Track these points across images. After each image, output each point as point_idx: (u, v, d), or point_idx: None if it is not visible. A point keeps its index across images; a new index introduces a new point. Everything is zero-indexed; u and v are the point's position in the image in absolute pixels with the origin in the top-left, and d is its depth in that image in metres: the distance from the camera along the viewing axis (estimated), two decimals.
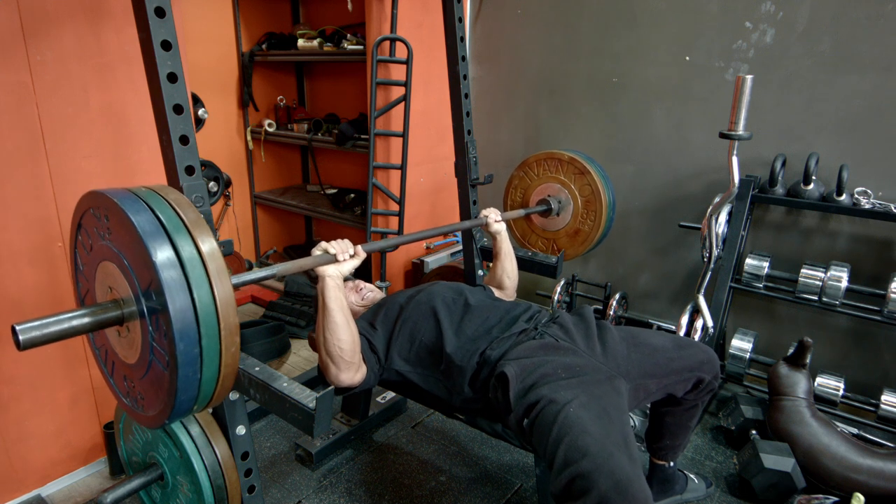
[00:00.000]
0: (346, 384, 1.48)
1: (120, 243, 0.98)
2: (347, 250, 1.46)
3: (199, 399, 0.99)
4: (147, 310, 0.96)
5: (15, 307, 1.75)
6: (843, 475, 1.89)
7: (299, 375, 2.63)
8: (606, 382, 1.42)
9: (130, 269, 0.96)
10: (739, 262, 2.44)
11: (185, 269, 0.92)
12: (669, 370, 1.60)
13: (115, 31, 1.80)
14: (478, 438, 2.28)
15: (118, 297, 1.02)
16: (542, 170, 2.42)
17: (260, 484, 1.51)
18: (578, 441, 1.22)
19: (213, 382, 0.99)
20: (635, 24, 2.67)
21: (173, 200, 0.99)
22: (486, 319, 1.63)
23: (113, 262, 1.00)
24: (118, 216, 0.95)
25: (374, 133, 2.86)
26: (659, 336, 1.67)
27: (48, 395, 1.86)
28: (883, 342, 2.33)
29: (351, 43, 3.12)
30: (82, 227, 1.08)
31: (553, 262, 2.27)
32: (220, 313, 0.95)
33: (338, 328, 1.42)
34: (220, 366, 0.98)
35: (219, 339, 0.96)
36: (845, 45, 2.21)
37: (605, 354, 1.55)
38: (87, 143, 1.82)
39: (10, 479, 1.86)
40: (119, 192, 0.98)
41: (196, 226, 0.97)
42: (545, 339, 1.54)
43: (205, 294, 0.93)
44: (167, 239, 0.93)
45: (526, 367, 1.43)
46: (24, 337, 0.91)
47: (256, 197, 3.83)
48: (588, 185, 2.30)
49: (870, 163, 2.24)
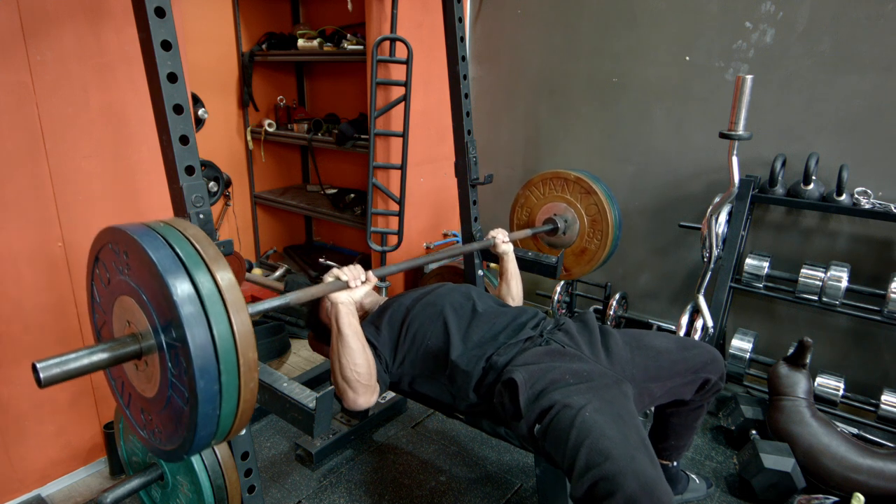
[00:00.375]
0: (364, 407, 1.48)
1: (139, 279, 0.99)
2: (359, 276, 1.46)
3: (217, 433, 1.00)
4: (166, 345, 0.96)
5: (15, 307, 1.75)
6: (843, 475, 1.89)
7: (299, 375, 2.64)
8: (614, 387, 1.42)
9: (149, 304, 0.97)
10: (739, 262, 2.44)
11: (204, 305, 0.93)
12: (674, 372, 1.59)
13: (115, 31, 1.80)
14: (478, 438, 2.28)
15: (136, 331, 1.03)
16: (547, 189, 2.43)
17: (260, 484, 1.51)
18: (599, 444, 1.22)
19: (231, 417, 1.00)
20: (635, 24, 2.67)
21: (191, 236, 1.00)
22: (493, 325, 1.63)
23: (132, 296, 1.01)
24: (137, 252, 0.96)
25: (374, 133, 2.86)
26: (663, 338, 1.67)
27: (48, 395, 1.86)
28: (883, 342, 2.33)
29: (351, 43, 3.12)
30: (100, 260, 1.10)
31: (553, 263, 2.27)
32: (239, 349, 0.96)
33: (354, 353, 1.43)
34: (239, 401, 0.99)
35: (238, 375, 0.96)
36: (845, 45, 2.21)
37: (610, 360, 1.55)
38: (87, 143, 1.82)
39: (10, 479, 1.86)
40: (138, 228, 1.00)
41: (215, 261, 0.98)
42: (551, 345, 1.54)
43: (224, 329, 0.94)
44: (186, 274, 0.94)
45: (534, 373, 1.43)
46: (45, 375, 0.91)
47: (256, 197, 3.83)
48: (594, 204, 2.31)
49: (870, 163, 2.24)
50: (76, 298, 1.87)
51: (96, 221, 1.87)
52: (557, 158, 3.09)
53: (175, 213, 1.34)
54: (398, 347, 1.62)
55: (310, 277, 3.65)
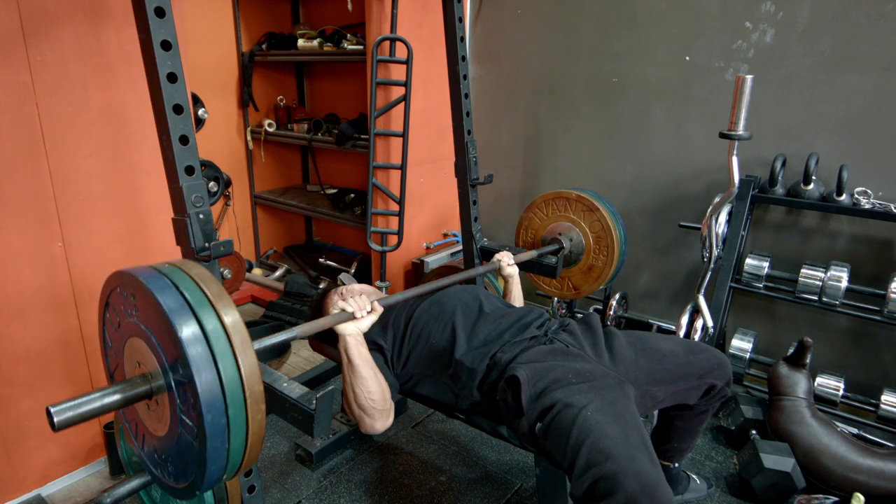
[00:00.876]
0: (381, 430, 1.50)
1: (147, 320, 1.02)
2: (365, 307, 1.46)
3: (228, 468, 1.03)
4: (175, 383, 0.99)
5: (15, 307, 1.75)
6: (843, 475, 1.89)
7: (299, 375, 2.64)
8: (617, 388, 1.42)
9: (157, 344, 1.00)
10: (739, 262, 2.44)
11: (210, 344, 0.96)
12: (678, 376, 1.58)
13: (115, 31, 1.80)
14: (478, 438, 2.28)
15: (146, 371, 1.06)
16: (550, 209, 2.44)
17: (260, 484, 1.51)
18: (600, 444, 1.22)
19: (241, 451, 1.02)
20: (635, 24, 2.67)
21: (196, 275, 1.03)
22: (499, 325, 1.63)
23: (141, 338, 1.05)
24: (144, 294, 1.00)
25: (374, 133, 2.86)
26: (669, 341, 1.66)
27: (48, 395, 1.86)
28: (883, 342, 2.33)
29: (351, 43, 3.12)
30: (110, 305, 1.14)
31: (553, 263, 2.27)
32: (245, 383, 0.98)
33: (366, 382, 1.44)
34: (248, 433, 1.01)
35: (245, 409, 0.99)
36: (845, 45, 2.21)
37: (613, 361, 1.54)
38: (87, 143, 1.82)
39: (10, 479, 1.86)
40: (144, 271, 1.04)
41: (219, 299, 1.01)
42: (555, 344, 1.55)
43: (230, 366, 0.97)
44: (192, 315, 0.97)
45: (537, 371, 1.43)
46: (59, 419, 0.94)
47: (256, 197, 3.83)
48: (598, 221, 2.31)
49: (870, 163, 2.24)
50: (76, 298, 1.87)
51: (96, 221, 1.87)
52: (557, 159, 3.09)
53: (175, 212, 1.34)
54: (403, 345, 1.62)
55: (310, 277, 3.65)
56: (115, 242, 1.93)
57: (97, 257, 1.89)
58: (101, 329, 1.19)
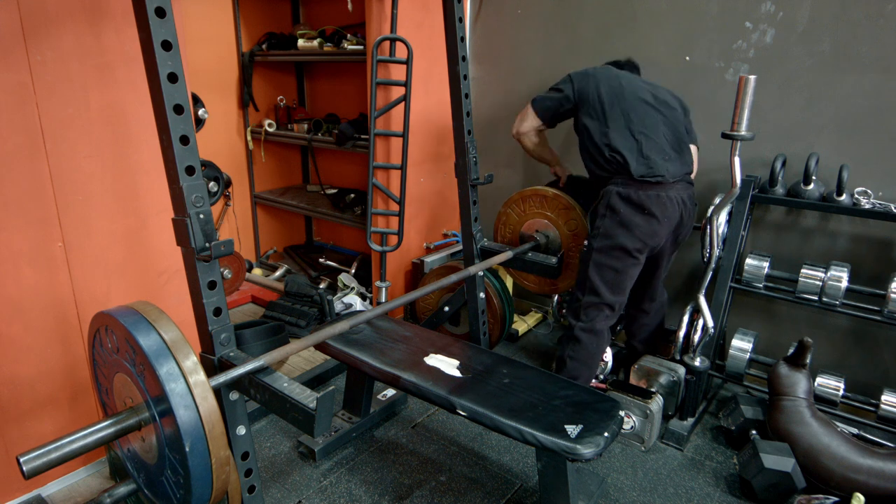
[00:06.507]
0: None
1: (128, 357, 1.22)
2: None
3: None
4: (157, 414, 1.18)
5: (14, 307, 1.75)
6: (843, 475, 1.89)
7: (299, 375, 2.64)
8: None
9: (139, 378, 1.19)
10: (739, 262, 2.44)
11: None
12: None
13: (115, 31, 1.80)
14: (478, 438, 2.28)
15: (133, 405, 1.24)
16: (527, 206, 2.46)
17: (260, 484, 1.51)
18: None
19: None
20: (635, 24, 2.67)
21: (154, 320, 1.22)
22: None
23: (125, 374, 1.24)
24: (122, 332, 1.18)
25: (374, 133, 2.86)
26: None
27: (48, 394, 1.86)
28: (883, 342, 2.34)
29: (351, 43, 3.12)
30: (95, 345, 1.34)
31: (553, 263, 2.27)
32: (205, 424, 1.17)
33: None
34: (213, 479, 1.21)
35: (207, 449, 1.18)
36: (845, 45, 2.21)
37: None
38: (87, 143, 1.82)
39: (11, 479, 1.86)
40: (120, 311, 1.22)
41: (175, 348, 1.19)
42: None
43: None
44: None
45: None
46: (28, 468, 1.09)
47: (256, 197, 3.83)
48: (574, 219, 2.32)
49: (870, 163, 2.24)
50: (76, 298, 1.87)
51: (96, 221, 1.87)
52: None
53: (175, 212, 1.35)
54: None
55: (310, 277, 3.65)
56: (115, 242, 1.93)
57: (97, 257, 1.89)
58: (92, 369, 1.41)
